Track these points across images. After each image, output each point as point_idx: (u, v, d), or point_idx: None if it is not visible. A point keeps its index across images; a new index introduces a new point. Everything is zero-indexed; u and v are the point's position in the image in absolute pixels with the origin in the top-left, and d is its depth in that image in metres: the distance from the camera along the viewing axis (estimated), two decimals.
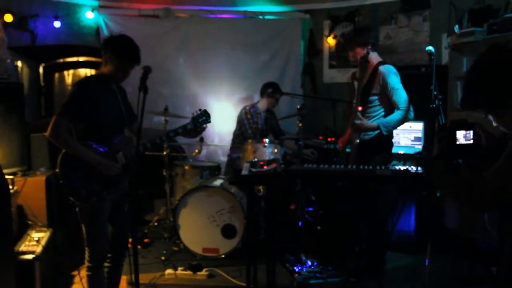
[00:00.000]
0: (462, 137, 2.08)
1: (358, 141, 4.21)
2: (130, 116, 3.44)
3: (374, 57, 4.29)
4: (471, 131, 2.09)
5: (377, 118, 4.23)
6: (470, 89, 1.98)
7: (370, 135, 4.23)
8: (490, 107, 1.94)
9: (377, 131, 4.16)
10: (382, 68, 4.18)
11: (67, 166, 3.19)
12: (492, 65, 1.91)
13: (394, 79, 4.13)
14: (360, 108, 4.20)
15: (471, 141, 2.08)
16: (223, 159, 6.28)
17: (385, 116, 4.23)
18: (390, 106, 4.21)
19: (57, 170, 3.20)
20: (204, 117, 3.52)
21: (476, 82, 1.95)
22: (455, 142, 2.08)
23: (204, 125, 3.53)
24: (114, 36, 3.36)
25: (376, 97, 4.22)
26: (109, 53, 3.20)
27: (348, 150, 4.62)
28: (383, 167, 3.51)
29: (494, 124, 1.97)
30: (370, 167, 3.52)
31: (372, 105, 4.25)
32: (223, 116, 6.21)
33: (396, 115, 4.13)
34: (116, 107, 3.33)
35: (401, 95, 4.11)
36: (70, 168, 3.18)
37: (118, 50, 3.19)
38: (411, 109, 4.11)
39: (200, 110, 3.54)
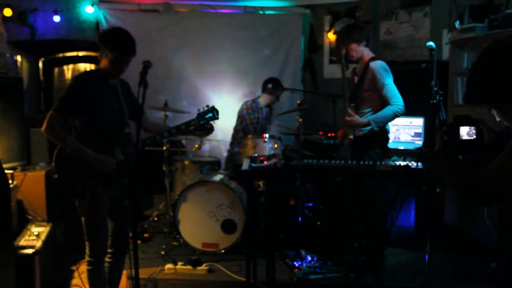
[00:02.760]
0: (465, 133, 2.08)
1: (351, 137, 4.21)
2: (136, 111, 3.36)
3: (366, 53, 4.28)
4: (474, 127, 2.09)
5: (369, 114, 4.21)
6: (474, 84, 1.98)
7: (364, 131, 4.21)
8: (493, 102, 1.94)
9: (370, 127, 4.14)
10: (372, 64, 4.16)
11: (62, 161, 3.17)
12: (496, 60, 1.90)
13: (384, 75, 4.09)
14: (352, 104, 4.19)
15: (474, 137, 2.08)
16: (226, 154, 6.29)
17: (376, 112, 4.19)
18: (381, 102, 4.17)
19: (52, 164, 3.19)
20: (211, 113, 3.38)
21: (480, 77, 1.95)
22: (458, 137, 2.08)
23: (212, 123, 3.41)
24: (107, 30, 3.33)
25: (368, 93, 4.21)
26: (103, 47, 3.14)
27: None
28: (383, 163, 3.51)
29: (498, 119, 1.97)
30: (370, 162, 3.52)
31: (364, 101, 4.23)
32: (225, 110, 6.18)
33: (387, 110, 4.08)
34: (115, 103, 3.26)
35: (391, 90, 4.07)
36: (65, 163, 3.16)
37: (110, 43, 3.12)
38: (403, 104, 4.06)
39: (207, 106, 3.42)
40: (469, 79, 2.01)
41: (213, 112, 3.41)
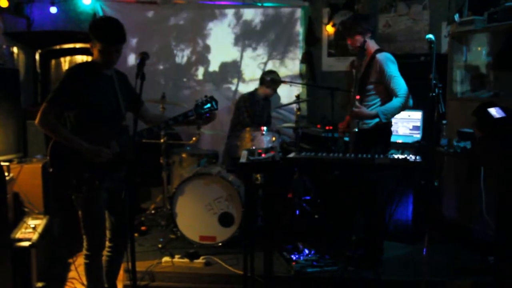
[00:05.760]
0: (495, 112, 2.10)
1: (356, 130, 4.19)
2: (134, 102, 3.32)
3: (372, 45, 4.25)
4: (498, 107, 2.10)
5: (375, 106, 4.19)
6: None
7: (369, 124, 4.20)
8: None
9: (376, 120, 4.12)
10: (379, 56, 4.14)
11: (57, 154, 3.15)
12: None
13: (391, 67, 4.08)
14: (358, 97, 4.17)
15: (504, 115, 2.10)
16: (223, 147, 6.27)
17: (382, 104, 4.18)
18: (387, 95, 4.16)
19: (47, 157, 3.17)
20: (209, 104, 3.35)
21: None
22: (492, 118, 2.09)
23: (213, 112, 3.39)
24: (93, 20, 3.30)
25: (373, 86, 4.19)
26: (91, 38, 3.10)
27: (346, 139, 4.60)
28: (381, 156, 3.49)
29: None
30: (369, 155, 3.51)
31: (370, 93, 4.21)
32: (223, 102, 6.17)
33: (395, 102, 4.07)
34: (111, 95, 3.23)
35: (399, 82, 4.06)
36: (60, 156, 3.14)
37: (96, 33, 3.08)
38: (410, 96, 4.06)
39: (206, 96, 3.38)
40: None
41: (212, 103, 3.37)
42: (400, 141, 5.08)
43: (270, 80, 5.68)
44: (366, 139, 4.16)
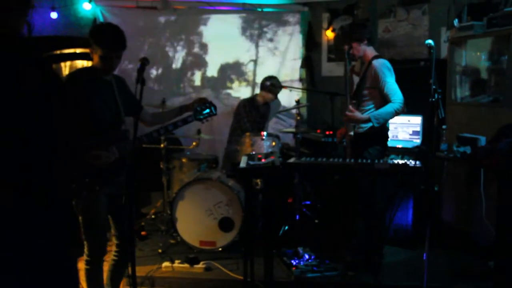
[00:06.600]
0: None
1: (352, 134, 4.22)
2: (133, 107, 3.28)
3: (370, 52, 4.27)
4: None
5: (369, 111, 4.21)
6: None
7: (364, 128, 4.21)
8: None
9: (370, 124, 4.14)
10: (374, 62, 4.17)
11: None
12: None
13: (386, 73, 4.10)
14: (354, 102, 4.19)
15: None
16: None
17: (377, 109, 4.19)
18: (382, 100, 4.17)
19: None
20: (208, 109, 3.41)
21: None
22: None
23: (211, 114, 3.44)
24: (94, 26, 3.31)
25: (367, 91, 4.21)
26: (92, 43, 3.11)
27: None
28: (381, 161, 3.50)
29: None
30: (369, 161, 3.52)
31: (365, 98, 4.24)
32: (222, 107, 6.20)
33: (388, 107, 4.08)
34: (110, 100, 3.23)
35: (392, 88, 4.07)
36: None
37: (97, 39, 3.09)
38: (403, 101, 4.06)
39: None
40: None
41: (211, 108, 3.42)
42: (400, 146, 5.09)
43: (270, 85, 5.69)
44: (361, 142, 4.18)
